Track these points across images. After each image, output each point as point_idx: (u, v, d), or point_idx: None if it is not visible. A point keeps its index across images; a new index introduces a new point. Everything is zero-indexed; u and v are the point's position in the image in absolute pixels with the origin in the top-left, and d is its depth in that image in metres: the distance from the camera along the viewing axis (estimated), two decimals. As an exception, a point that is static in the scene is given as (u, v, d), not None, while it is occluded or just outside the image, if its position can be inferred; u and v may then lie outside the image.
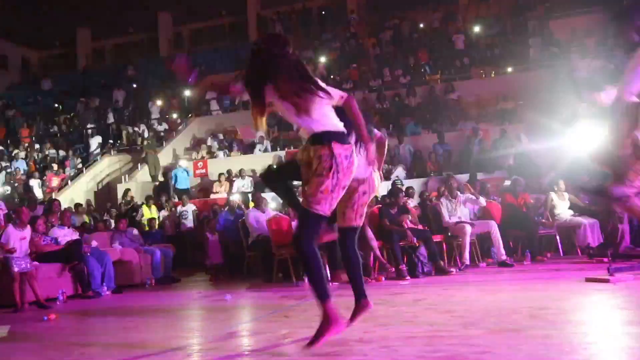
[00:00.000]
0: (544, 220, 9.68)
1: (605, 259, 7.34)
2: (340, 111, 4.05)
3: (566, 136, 9.80)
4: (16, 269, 7.18)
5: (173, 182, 14.81)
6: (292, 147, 14.88)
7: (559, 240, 9.61)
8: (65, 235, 8.83)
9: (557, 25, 17.56)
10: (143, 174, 16.21)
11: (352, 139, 4.37)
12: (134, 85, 21.68)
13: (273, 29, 22.70)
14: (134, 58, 23.70)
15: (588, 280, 6.24)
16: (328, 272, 4.61)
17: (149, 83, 21.55)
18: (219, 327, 5.24)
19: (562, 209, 9.56)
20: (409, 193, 10.20)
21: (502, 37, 18.71)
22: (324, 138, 3.71)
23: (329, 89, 3.81)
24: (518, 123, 13.88)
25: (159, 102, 19.51)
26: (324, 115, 3.77)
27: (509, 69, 16.87)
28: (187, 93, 19.82)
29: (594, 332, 3.92)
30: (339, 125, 3.79)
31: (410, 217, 8.83)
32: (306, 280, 3.73)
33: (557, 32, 17.39)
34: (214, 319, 5.94)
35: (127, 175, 16.37)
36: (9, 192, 15.47)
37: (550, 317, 4.45)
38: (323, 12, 23.42)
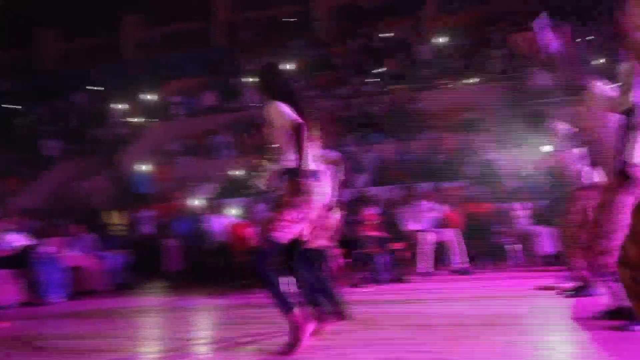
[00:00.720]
0: (503, 229, 9.78)
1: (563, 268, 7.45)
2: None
3: (528, 146, 9.95)
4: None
5: (134, 186, 14.61)
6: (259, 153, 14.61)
7: (517, 249, 9.69)
8: (18, 240, 8.61)
9: (520, 38, 17.79)
10: (104, 178, 15.91)
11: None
12: (97, 88, 21.32)
13: (242, 35, 22.57)
14: (97, 61, 23.31)
15: (542, 288, 6.33)
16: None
17: (112, 86, 21.19)
18: (176, 334, 5.16)
19: (523, 218, 9.67)
20: (372, 201, 10.20)
21: (466, 49, 18.87)
22: (290, 174, 3.89)
23: None
24: (481, 133, 13.99)
25: (122, 106, 19.25)
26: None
27: (473, 80, 17.04)
28: (149, 97, 19.60)
29: (547, 339, 3.96)
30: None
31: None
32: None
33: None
34: (171, 326, 5.86)
35: (87, 180, 16.05)
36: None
37: (506, 323, 4.49)
38: (292, 19, 23.37)
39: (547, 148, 6.92)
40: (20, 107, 20.89)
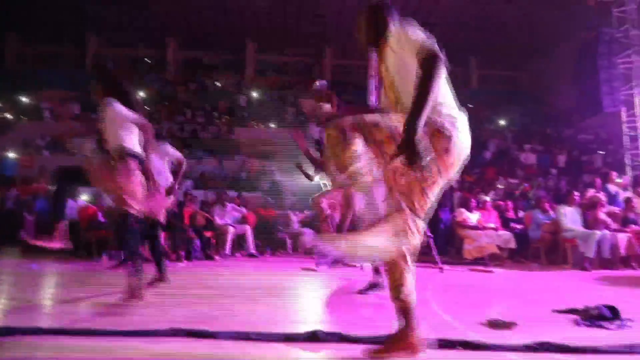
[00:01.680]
0: (282, 228, 10.04)
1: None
2: None
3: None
4: None
5: (2, 169, 12.85)
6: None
7: (289, 242, 9.97)
8: None
9: (306, 103, 18.60)
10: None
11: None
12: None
13: (106, 63, 20.72)
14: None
15: (303, 269, 6.62)
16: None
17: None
18: (24, 292, 4.56)
19: (295, 222, 10.02)
20: (193, 199, 9.89)
21: (268, 103, 19.25)
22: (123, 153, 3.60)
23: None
24: (274, 161, 14.32)
25: (-1, 105, 16.85)
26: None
27: (272, 125, 17.43)
28: (24, 99, 17.32)
29: (309, 302, 4.14)
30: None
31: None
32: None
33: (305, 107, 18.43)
34: (19, 285, 5.17)
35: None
36: None
37: (279, 292, 4.62)
38: (147, 59, 22.04)
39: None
40: None
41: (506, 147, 15.71)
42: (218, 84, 20.68)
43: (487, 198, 9.19)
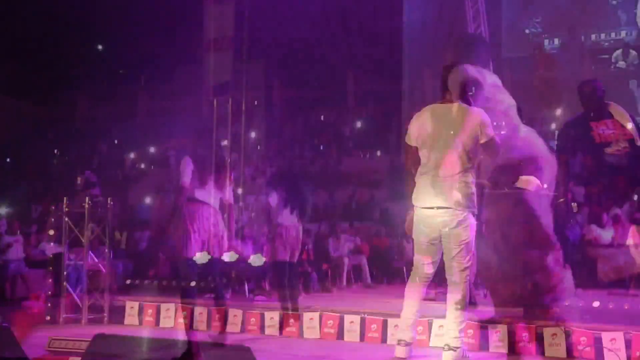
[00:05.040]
0: (396, 257, 9.85)
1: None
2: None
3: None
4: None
5: (138, 213, 14.35)
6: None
7: (406, 271, 9.68)
8: (51, 249, 8.17)
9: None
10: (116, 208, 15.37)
11: None
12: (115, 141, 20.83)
13: (219, 110, 22.32)
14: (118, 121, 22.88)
15: (425, 299, 6.37)
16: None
17: (127, 140, 20.63)
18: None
19: (409, 250, 9.78)
20: (307, 232, 10.11)
21: (375, 130, 19.32)
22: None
23: None
24: (383, 190, 14.27)
25: (132, 155, 18.95)
26: None
27: (378, 153, 17.47)
28: (153, 150, 19.27)
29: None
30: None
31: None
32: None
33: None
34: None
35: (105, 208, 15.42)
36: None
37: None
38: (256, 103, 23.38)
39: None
40: (56, 150, 20.06)
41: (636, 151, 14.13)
42: (322, 117, 21.29)
43: (621, 211, 8.24)
